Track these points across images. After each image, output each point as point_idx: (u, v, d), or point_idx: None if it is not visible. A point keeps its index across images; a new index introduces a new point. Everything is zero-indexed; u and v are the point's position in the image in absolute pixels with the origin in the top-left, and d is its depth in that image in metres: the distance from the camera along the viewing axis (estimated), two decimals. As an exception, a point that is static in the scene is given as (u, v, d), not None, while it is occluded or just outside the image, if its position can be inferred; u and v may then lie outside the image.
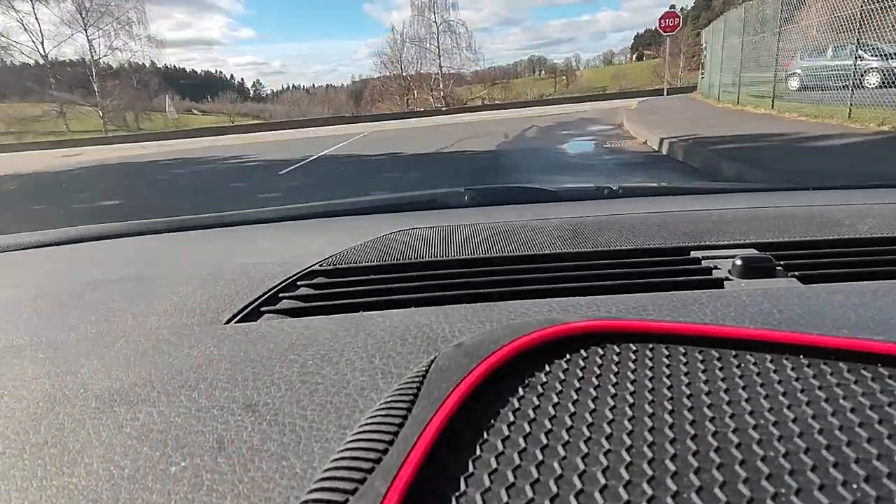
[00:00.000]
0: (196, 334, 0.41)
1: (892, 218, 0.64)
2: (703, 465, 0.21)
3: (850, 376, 0.26)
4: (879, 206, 0.72)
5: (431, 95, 37.51)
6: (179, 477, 0.26)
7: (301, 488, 0.24)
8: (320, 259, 0.60)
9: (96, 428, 0.30)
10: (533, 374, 0.28)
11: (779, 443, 0.22)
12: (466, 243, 0.64)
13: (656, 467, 0.21)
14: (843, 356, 0.27)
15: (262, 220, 0.96)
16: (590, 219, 0.72)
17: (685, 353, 0.29)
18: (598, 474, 0.21)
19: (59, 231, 0.92)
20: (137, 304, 0.51)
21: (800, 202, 0.81)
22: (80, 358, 0.39)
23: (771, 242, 0.58)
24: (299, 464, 0.26)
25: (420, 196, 1.05)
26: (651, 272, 0.52)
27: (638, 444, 0.23)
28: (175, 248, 0.80)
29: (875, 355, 0.27)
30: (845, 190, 0.96)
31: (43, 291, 0.58)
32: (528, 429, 0.24)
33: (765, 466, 0.21)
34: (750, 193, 1.02)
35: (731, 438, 0.22)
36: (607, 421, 0.24)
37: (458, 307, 0.42)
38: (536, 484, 0.21)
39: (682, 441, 0.22)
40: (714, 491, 0.20)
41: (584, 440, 0.23)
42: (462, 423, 0.25)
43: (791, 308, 0.37)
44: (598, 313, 0.39)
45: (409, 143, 10.05)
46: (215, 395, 0.32)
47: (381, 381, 0.32)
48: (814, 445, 0.22)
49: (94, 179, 8.98)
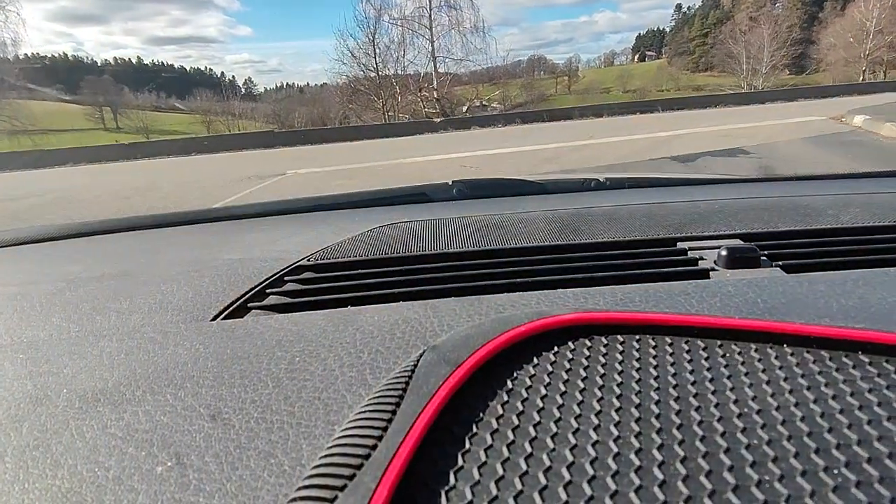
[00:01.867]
0: (181, 332, 0.41)
1: (873, 207, 0.66)
2: (689, 454, 0.21)
3: (832, 364, 0.26)
4: (861, 195, 0.74)
5: (421, 97, 26.73)
6: (166, 477, 0.25)
7: (290, 485, 0.24)
8: (307, 254, 0.60)
9: (80, 429, 0.30)
10: (521, 367, 0.28)
11: (762, 430, 0.22)
12: (454, 237, 0.64)
13: (643, 457, 0.21)
14: (825, 344, 0.28)
15: (248, 214, 0.95)
16: (577, 211, 0.73)
17: (671, 344, 0.29)
18: (587, 465, 0.21)
19: (37, 228, 0.90)
20: (120, 301, 0.51)
21: (784, 192, 0.82)
22: (62, 358, 0.38)
23: (755, 233, 0.59)
24: (287, 461, 0.25)
25: (408, 189, 1.04)
26: (638, 263, 0.53)
27: (625, 434, 0.23)
28: (158, 244, 0.78)
29: (856, 343, 0.27)
30: (828, 180, 0.97)
31: (22, 290, 0.57)
32: (517, 421, 0.24)
33: (749, 454, 0.21)
34: (735, 184, 1.01)
35: (717, 427, 0.23)
36: (595, 412, 0.24)
37: (446, 301, 0.42)
38: (525, 476, 0.21)
39: (668, 431, 0.23)
40: (700, 479, 0.20)
41: (572, 431, 0.23)
42: (451, 416, 0.25)
43: (775, 297, 0.38)
44: (585, 305, 0.39)
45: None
46: (202, 392, 0.32)
47: (369, 377, 0.32)
48: (796, 432, 0.22)
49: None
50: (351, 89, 27.64)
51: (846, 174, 1.01)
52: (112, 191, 7.57)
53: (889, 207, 0.66)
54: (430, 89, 27.16)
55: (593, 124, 12.40)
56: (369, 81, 26.49)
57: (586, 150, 7.65)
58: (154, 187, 7.72)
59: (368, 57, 26.12)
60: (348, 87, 27.72)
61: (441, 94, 27.26)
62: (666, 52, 73.39)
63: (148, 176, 8.89)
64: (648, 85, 53.38)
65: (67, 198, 7.09)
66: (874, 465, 0.20)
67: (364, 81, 26.68)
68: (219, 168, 9.72)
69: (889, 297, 0.37)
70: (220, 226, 0.90)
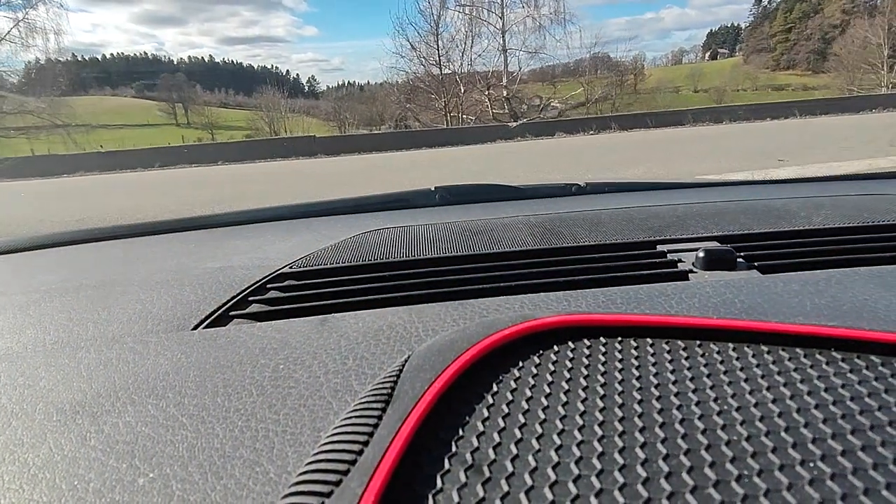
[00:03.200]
0: (162, 342, 0.40)
1: (843, 209, 0.67)
2: (672, 452, 0.22)
3: (807, 361, 0.27)
4: (832, 197, 0.76)
5: (488, 96, 23.04)
6: (148, 489, 0.25)
7: (276, 493, 0.24)
8: (290, 261, 0.60)
9: (58, 442, 0.29)
10: (506, 370, 0.28)
11: (741, 427, 0.23)
12: (438, 242, 0.64)
13: (627, 456, 0.22)
14: (800, 342, 0.28)
15: (229, 222, 0.94)
16: (559, 215, 0.74)
17: (652, 345, 0.30)
18: (572, 465, 0.21)
19: (8, 239, 0.87)
20: (98, 311, 0.50)
21: (759, 196, 0.83)
22: (38, 369, 0.38)
23: (732, 235, 0.60)
24: (273, 469, 0.25)
25: (390, 196, 1.03)
26: (619, 266, 0.53)
27: (609, 433, 0.23)
28: (137, 253, 0.77)
29: (829, 340, 0.28)
30: (802, 183, 1.00)
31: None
32: (503, 424, 0.24)
33: (729, 450, 0.21)
34: (712, 188, 1.02)
35: (697, 425, 0.23)
36: (579, 413, 0.25)
37: (431, 306, 0.42)
38: (512, 477, 0.21)
39: (651, 429, 0.23)
40: (682, 475, 0.20)
41: (557, 433, 0.23)
42: (437, 420, 0.25)
43: (752, 297, 0.39)
44: (568, 308, 0.40)
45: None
46: (184, 402, 0.31)
47: (355, 383, 0.32)
48: (773, 428, 0.22)
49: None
50: (409, 87, 24.66)
51: (817, 178, 1.05)
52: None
53: (858, 208, 0.67)
54: (498, 87, 23.42)
55: (724, 133, 9.18)
56: (431, 78, 23.19)
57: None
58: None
59: (430, 48, 22.83)
60: (407, 85, 24.80)
61: (511, 92, 23.49)
62: (741, 50, 69.41)
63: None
64: (724, 84, 47.76)
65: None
66: (848, 458, 0.20)
67: (425, 78, 23.50)
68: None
69: (859, 295, 0.38)
70: (200, 234, 0.88)
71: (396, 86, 25.91)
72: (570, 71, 35.42)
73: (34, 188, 9.40)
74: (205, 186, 7.53)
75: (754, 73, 54.28)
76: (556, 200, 0.94)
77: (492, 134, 12.94)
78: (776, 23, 58.48)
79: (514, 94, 24.25)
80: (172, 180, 8.96)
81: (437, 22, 22.63)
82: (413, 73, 24.01)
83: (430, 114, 23.68)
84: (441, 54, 22.80)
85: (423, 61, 23.25)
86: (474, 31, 23.09)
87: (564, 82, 35.29)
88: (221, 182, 8.04)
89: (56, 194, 8.16)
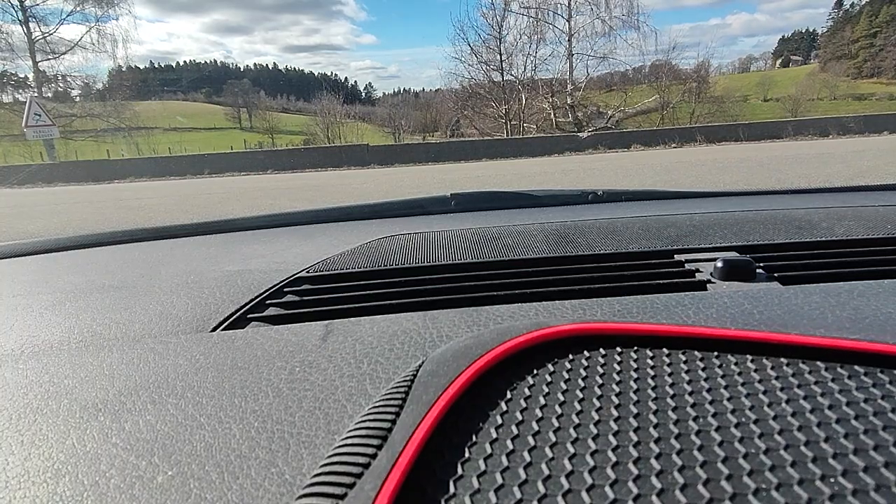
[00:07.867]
0: (182, 342, 0.41)
1: (866, 219, 0.66)
2: (687, 463, 0.21)
3: (827, 374, 0.26)
4: (854, 208, 0.74)
5: (550, 103, 21.10)
6: (167, 486, 0.25)
7: (291, 494, 0.24)
8: (307, 266, 0.60)
9: (81, 438, 0.30)
10: (520, 377, 0.28)
11: (760, 440, 0.22)
12: (453, 248, 0.64)
13: (642, 466, 0.21)
14: (821, 355, 0.28)
15: (247, 227, 0.95)
16: (574, 223, 0.73)
17: (669, 355, 0.29)
18: (585, 474, 0.21)
19: (36, 241, 0.89)
20: (121, 312, 0.51)
21: (779, 206, 0.82)
22: (62, 368, 0.39)
23: (751, 245, 0.59)
24: (288, 470, 0.26)
25: (407, 202, 1.04)
26: (635, 275, 0.53)
27: (624, 443, 0.23)
28: (158, 256, 0.78)
29: (851, 353, 0.28)
30: (821, 193, 0.98)
31: (24, 301, 0.57)
32: (516, 431, 0.24)
33: (746, 463, 0.21)
34: (730, 197, 1.01)
35: (714, 437, 0.23)
36: (594, 422, 0.24)
37: (445, 312, 0.42)
38: (525, 485, 0.21)
39: (666, 440, 0.23)
40: (698, 487, 0.20)
41: (571, 441, 0.23)
42: (450, 426, 0.25)
43: (771, 309, 0.38)
44: (583, 316, 0.39)
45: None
46: (203, 402, 0.32)
47: (369, 387, 0.32)
48: (793, 442, 0.22)
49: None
50: (467, 94, 23.14)
51: (838, 188, 1.02)
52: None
53: (881, 220, 0.66)
54: (563, 94, 21.61)
55: (852, 150, 7.15)
56: (491, 84, 21.66)
57: None
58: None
59: (492, 52, 21.17)
60: (464, 92, 23.35)
61: (576, 99, 21.64)
62: (818, 57, 64.31)
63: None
64: (800, 92, 43.08)
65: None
66: (870, 474, 0.20)
67: (485, 84, 21.98)
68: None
69: (883, 307, 0.37)
70: (219, 237, 0.89)
71: (454, 92, 24.51)
72: (629, 79, 32.71)
73: (30, 199, 7.43)
74: (231, 201, 6.41)
75: (833, 81, 48.93)
76: (573, 208, 0.95)
77: (558, 145, 11.35)
78: (859, 27, 53.06)
79: (578, 101, 22.18)
80: (206, 190, 7.95)
81: (500, 24, 21.19)
82: (472, 79, 22.67)
83: (487, 121, 22.23)
84: (503, 59, 21.41)
85: (483, 67, 21.98)
86: (539, 35, 21.54)
87: (628, 89, 32.65)
88: (255, 196, 6.95)
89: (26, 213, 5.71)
